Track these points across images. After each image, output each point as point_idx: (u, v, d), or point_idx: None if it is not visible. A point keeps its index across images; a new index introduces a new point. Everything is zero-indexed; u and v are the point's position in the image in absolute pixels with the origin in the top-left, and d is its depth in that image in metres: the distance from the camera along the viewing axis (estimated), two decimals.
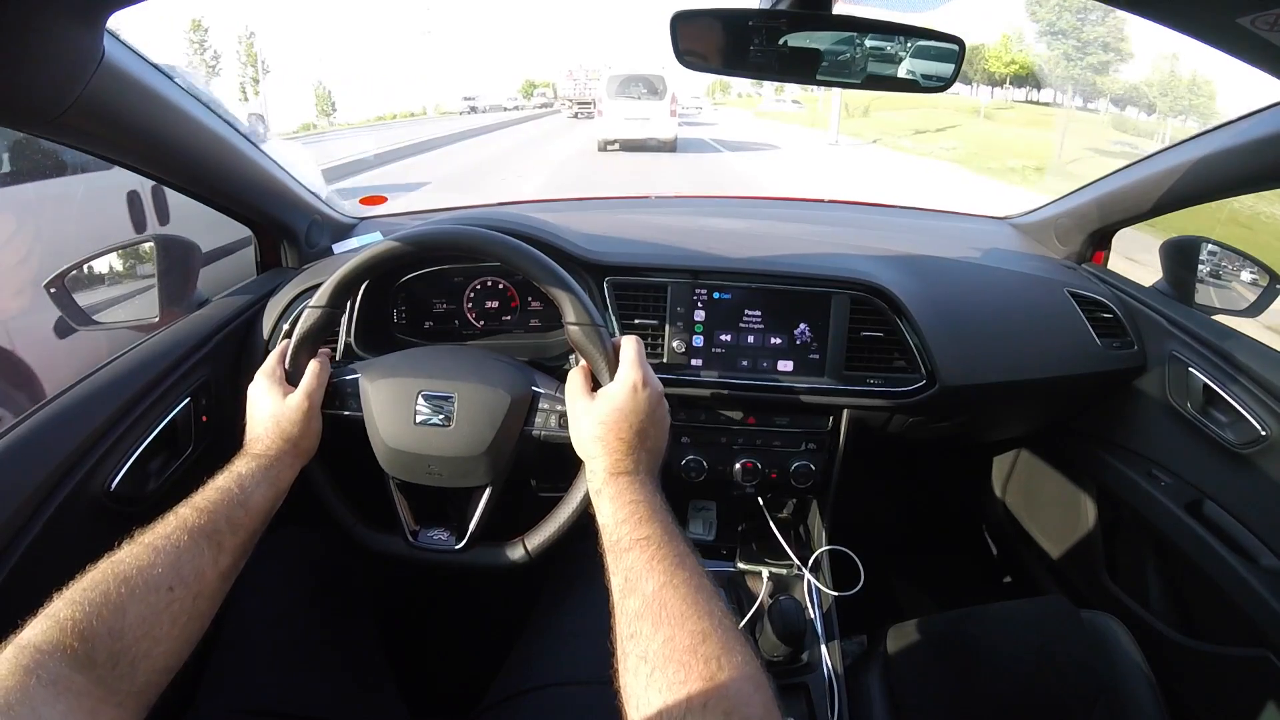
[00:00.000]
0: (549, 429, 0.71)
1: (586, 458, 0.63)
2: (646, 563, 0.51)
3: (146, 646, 0.47)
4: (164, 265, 0.96)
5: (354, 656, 0.79)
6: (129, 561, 0.50)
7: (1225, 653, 0.90)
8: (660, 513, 0.56)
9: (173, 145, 0.81)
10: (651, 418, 0.62)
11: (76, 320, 0.90)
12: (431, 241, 0.71)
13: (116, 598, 0.47)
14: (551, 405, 0.71)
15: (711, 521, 1.14)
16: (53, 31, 0.54)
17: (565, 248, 0.94)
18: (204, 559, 0.54)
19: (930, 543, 1.60)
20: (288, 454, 0.66)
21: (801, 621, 0.88)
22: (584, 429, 0.62)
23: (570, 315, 0.67)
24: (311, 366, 0.70)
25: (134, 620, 0.47)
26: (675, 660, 0.44)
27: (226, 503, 0.58)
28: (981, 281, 1.09)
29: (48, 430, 0.69)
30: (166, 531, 0.53)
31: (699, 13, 0.68)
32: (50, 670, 0.41)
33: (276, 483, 0.64)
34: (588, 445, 0.62)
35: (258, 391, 0.69)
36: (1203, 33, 0.51)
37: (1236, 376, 0.90)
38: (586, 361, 0.67)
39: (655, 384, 0.64)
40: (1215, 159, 0.91)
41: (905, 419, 1.01)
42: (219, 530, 0.56)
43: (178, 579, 0.51)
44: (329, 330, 0.73)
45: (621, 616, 0.49)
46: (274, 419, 0.67)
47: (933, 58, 0.70)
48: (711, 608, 0.47)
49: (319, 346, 0.73)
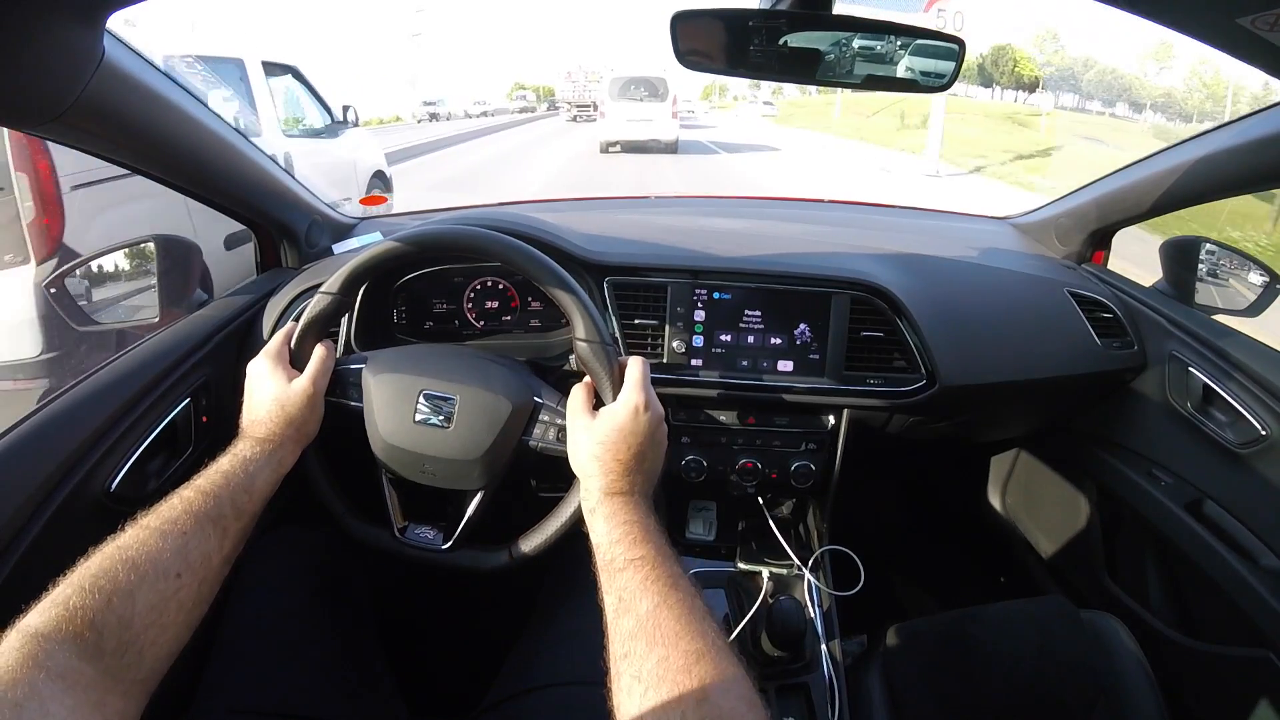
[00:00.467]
0: (546, 441, 0.71)
1: (583, 476, 0.63)
2: (641, 583, 0.51)
3: (154, 634, 0.47)
4: (164, 265, 0.96)
5: (354, 656, 0.79)
6: (136, 547, 0.49)
7: (1225, 653, 0.90)
8: (654, 534, 0.56)
9: (173, 145, 0.81)
10: (650, 440, 0.62)
11: (76, 320, 0.90)
12: (450, 242, 0.72)
13: (126, 584, 0.46)
14: (552, 418, 0.71)
15: (711, 521, 1.14)
16: (53, 31, 0.54)
17: (565, 248, 0.94)
18: (210, 544, 0.53)
19: (930, 542, 1.60)
20: (290, 438, 0.66)
21: (801, 621, 0.88)
22: (582, 447, 0.63)
23: (580, 331, 0.67)
24: (318, 351, 0.70)
25: (143, 608, 0.46)
26: (669, 680, 0.44)
27: (231, 486, 0.58)
28: (981, 281, 1.09)
29: (48, 430, 0.69)
30: (173, 516, 0.53)
31: (699, 13, 0.68)
32: (59, 662, 0.40)
33: (279, 467, 0.64)
34: (585, 464, 0.62)
35: (260, 372, 0.68)
36: (1203, 33, 0.51)
37: (1236, 376, 0.90)
38: (591, 378, 0.67)
39: (657, 408, 0.64)
40: (1215, 159, 0.91)
41: (905, 419, 1.01)
42: (224, 515, 0.56)
43: (185, 565, 0.51)
44: (336, 318, 0.73)
45: (615, 636, 0.49)
46: (278, 402, 0.66)
47: (932, 57, 0.70)
48: (705, 629, 0.47)
49: (324, 333, 0.72)
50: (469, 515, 0.73)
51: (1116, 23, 26.26)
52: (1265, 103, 0.80)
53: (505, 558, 0.72)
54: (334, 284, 0.71)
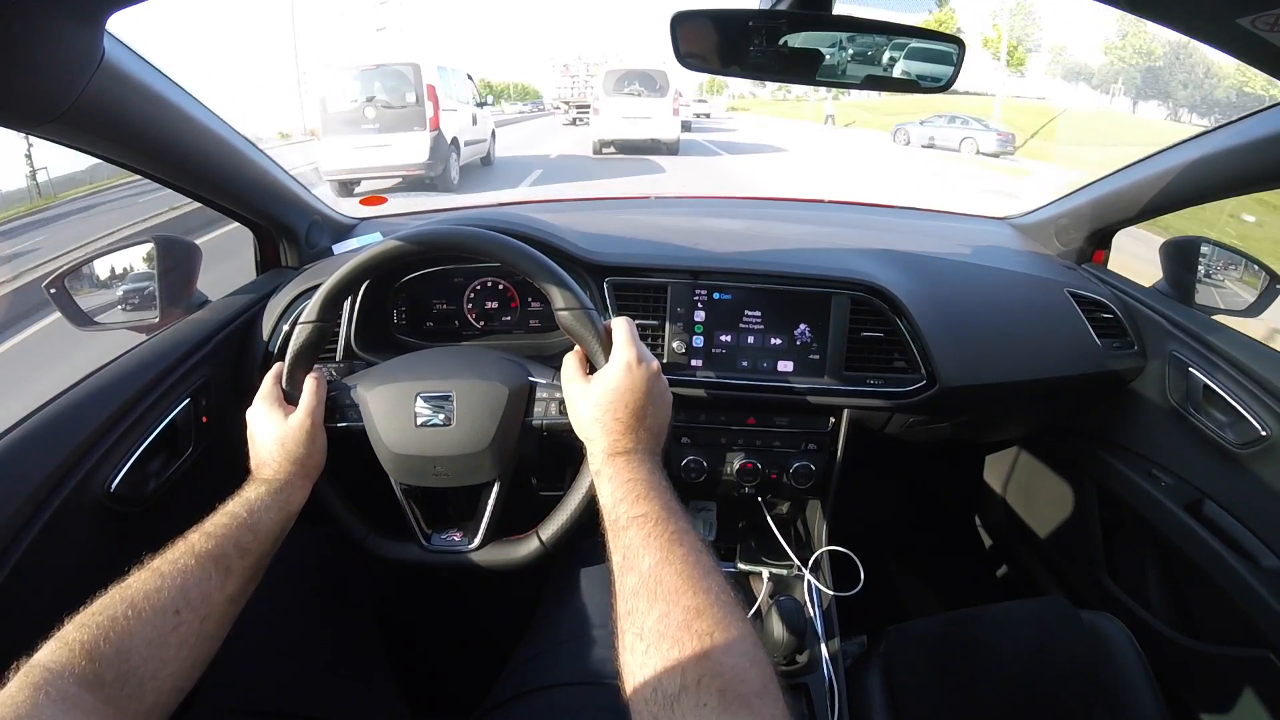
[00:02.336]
0: (550, 417, 0.71)
1: (586, 440, 0.63)
2: (644, 540, 0.51)
3: (154, 667, 0.47)
4: (164, 266, 0.96)
5: (354, 657, 0.79)
6: (136, 587, 0.51)
7: (1225, 653, 0.90)
8: (659, 490, 0.56)
9: (173, 146, 0.81)
10: (649, 395, 0.61)
11: (76, 321, 0.90)
12: (423, 241, 0.71)
13: (124, 620, 0.48)
14: (550, 394, 0.71)
15: (711, 522, 1.14)
16: (53, 31, 0.54)
17: (565, 248, 0.94)
18: (211, 583, 0.54)
19: (930, 543, 1.60)
20: (296, 475, 0.65)
21: (801, 622, 0.88)
22: (581, 411, 0.62)
23: (559, 301, 0.67)
24: (309, 383, 0.69)
25: (141, 642, 0.47)
26: (669, 636, 0.44)
27: (235, 527, 0.58)
28: (981, 282, 1.09)
29: (48, 430, 0.69)
30: (174, 557, 0.54)
31: (699, 13, 0.68)
32: (59, 688, 0.42)
33: (286, 506, 0.64)
34: (586, 427, 0.62)
35: (257, 416, 0.68)
36: (1203, 33, 0.51)
37: (1236, 376, 0.90)
38: (580, 346, 0.67)
39: (650, 361, 0.63)
40: (1215, 159, 0.91)
41: (905, 419, 1.01)
42: (226, 554, 0.56)
43: (184, 603, 0.51)
44: (322, 344, 0.72)
45: (620, 594, 0.49)
46: (278, 441, 0.66)
47: (932, 58, 0.70)
48: (709, 584, 0.47)
49: (314, 362, 0.72)
50: (490, 508, 0.72)
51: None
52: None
53: (536, 543, 0.71)
54: (312, 311, 0.70)
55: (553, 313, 0.68)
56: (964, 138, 15.29)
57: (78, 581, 0.52)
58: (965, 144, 15.10)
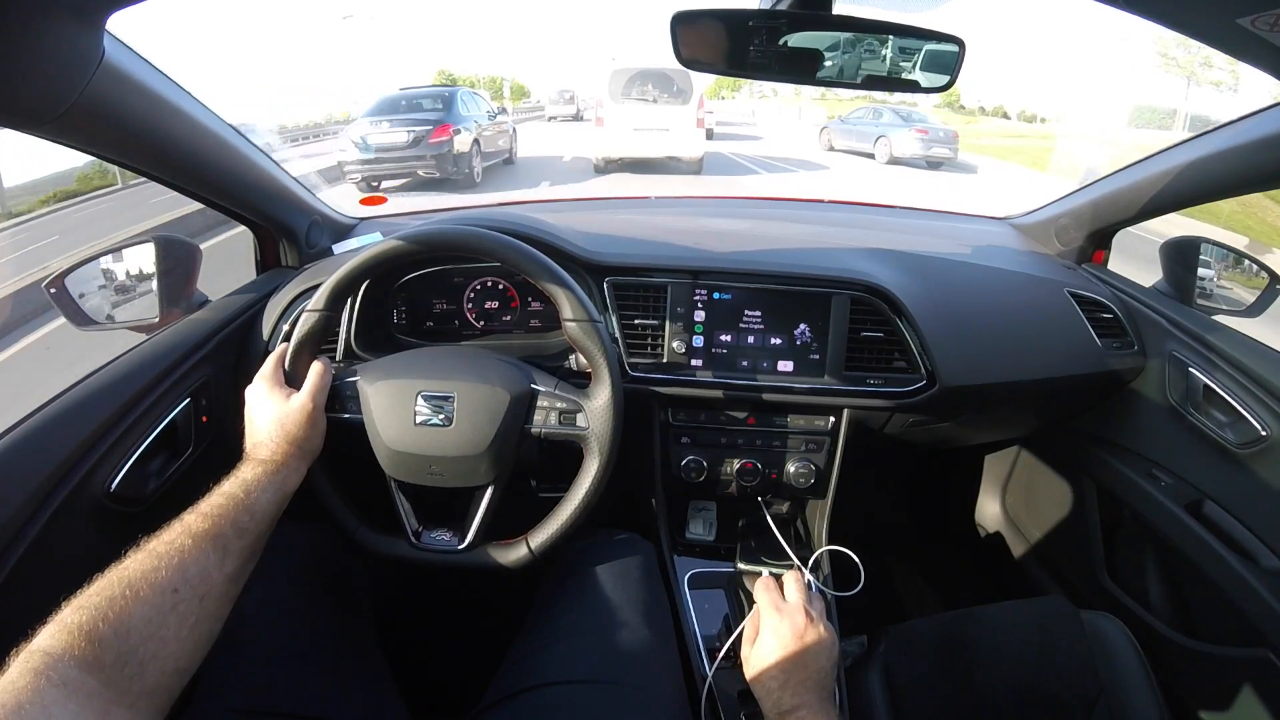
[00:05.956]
0: (549, 426, 0.71)
1: (758, 699, 0.68)
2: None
3: (154, 647, 0.47)
4: (164, 266, 0.96)
5: (354, 656, 0.79)
6: (133, 567, 0.51)
7: (1225, 653, 0.90)
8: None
9: (173, 146, 0.80)
10: (802, 650, 0.69)
11: (76, 321, 0.90)
12: (427, 241, 0.71)
13: (121, 600, 0.48)
14: (551, 402, 0.71)
15: (711, 521, 1.14)
16: (53, 31, 0.54)
17: (565, 248, 0.94)
18: (209, 562, 0.54)
19: (930, 543, 1.60)
20: (294, 457, 0.66)
21: None
22: (748, 674, 0.70)
23: (567, 311, 0.67)
24: (314, 368, 0.70)
25: (139, 621, 0.47)
26: None
27: (232, 508, 0.58)
28: (981, 282, 1.09)
29: (48, 430, 0.69)
30: (171, 537, 0.54)
31: (699, 13, 0.68)
32: (60, 672, 0.42)
33: (283, 486, 0.64)
34: (754, 689, 0.69)
35: (258, 396, 0.69)
36: (1203, 33, 0.51)
37: (1236, 376, 0.90)
38: (585, 358, 0.67)
39: (794, 615, 0.72)
40: (1215, 159, 0.91)
41: (905, 419, 1.01)
42: (224, 534, 0.56)
43: (182, 581, 0.51)
44: (328, 333, 0.73)
45: None
46: (278, 422, 0.66)
47: (933, 59, 0.70)
48: None
49: (319, 349, 0.73)
50: (482, 511, 0.73)
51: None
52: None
53: (524, 550, 0.72)
54: (319, 300, 0.71)
55: (554, 314, 0.68)
56: (878, 136, 11.21)
57: (78, 582, 0.52)
58: (879, 145, 11.10)
